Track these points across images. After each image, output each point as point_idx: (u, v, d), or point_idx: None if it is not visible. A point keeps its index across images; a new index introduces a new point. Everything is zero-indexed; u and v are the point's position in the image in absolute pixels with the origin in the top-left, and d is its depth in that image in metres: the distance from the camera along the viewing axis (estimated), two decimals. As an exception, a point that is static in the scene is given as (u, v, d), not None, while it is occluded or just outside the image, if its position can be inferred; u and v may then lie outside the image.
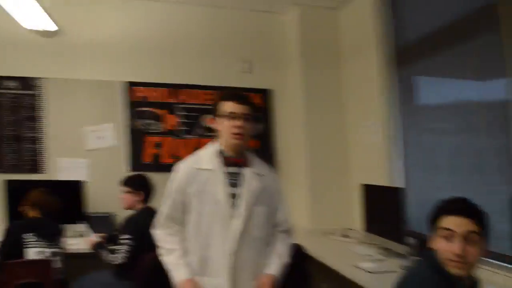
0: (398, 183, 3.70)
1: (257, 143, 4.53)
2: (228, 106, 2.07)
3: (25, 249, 3.03)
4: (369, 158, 4.07)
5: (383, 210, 3.38)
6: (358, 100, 4.25)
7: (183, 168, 2.16)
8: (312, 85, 4.36)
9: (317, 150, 4.37)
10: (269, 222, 2.17)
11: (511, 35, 2.56)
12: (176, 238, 2.14)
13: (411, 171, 3.68)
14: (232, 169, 2.11)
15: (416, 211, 3.41)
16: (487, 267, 2.45)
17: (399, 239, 3.05)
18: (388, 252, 3.24)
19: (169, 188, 2.17)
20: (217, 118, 2.12)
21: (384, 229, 3.31)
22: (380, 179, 3.80)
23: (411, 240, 2.92)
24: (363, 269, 2.78)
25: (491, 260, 2.54)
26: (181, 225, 2.15)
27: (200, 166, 2.12)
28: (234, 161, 2.12)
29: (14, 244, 3.03)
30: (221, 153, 2.13)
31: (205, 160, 2.14)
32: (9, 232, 3.10)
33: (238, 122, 2.05)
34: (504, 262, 2.53)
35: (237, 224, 2.04)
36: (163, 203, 2.18)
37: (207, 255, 2.07)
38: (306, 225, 4.26)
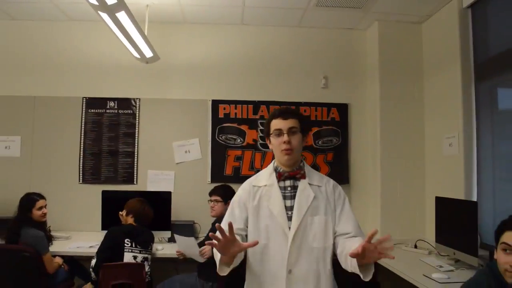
0: (474, 195, 3.65)
1: (332, 155, 4.59)
2: (274, 124, 2.08)
3: (125, 252, 3.26)
4: (446, 171, 3.96)
5: (455, 222, 3.39)
6: (438, 113, 4.14)
7: (243, 186, 2.17)
8: (390, 98, 4.34)
9: (391, 163, 4.33)
10: (329, 231, 2.02)
11: None
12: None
13: (489, 184, 3.57)
14: (288, 183, 2.08)
15: (490, 223, 3.40)
16: None
17: (470, 251, 3.07)
18: (459, 263, 3.27)
19: (231, 205, 2.15)
20: (270, 138, 2.12)
21: (456, 241, 3.32)
22: (457, 192, 3.69)
23: (483, 252, 3.07)
24: (434, 280, 2.83)
25: None
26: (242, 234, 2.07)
27: (258, 184, 2.13)
28: (289, 174, 2.08)
29: (114, 247, 3.27)
30: (276, 169, 2.13)
31: (262, 178, 2.15)
32: (111, 236, 3.33)
33: (284, 138, 2.03)
34: None
35: (291, 235, 1.97)
36: (223, 221, 2.08)
37: (264, 269, 2.00)
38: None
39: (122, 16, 3.10)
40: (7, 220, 3.67)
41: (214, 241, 1.68)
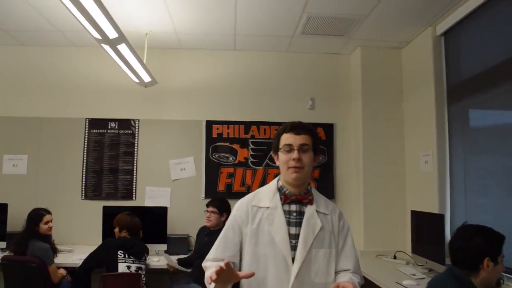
0: (448, 209, 3.95)
1: (318, 172, 4.90)
2: (285, 138, 1.88)
3: (118, 263, 3.54)
4: (423, 186, 4.25)
5: (427, 234, 3.71)
6: (416, 133, 4.45)
7: (240, 206, 1.94)
8: (372, 118, 4.65)
9: (374, 179, 4.62)
10: (332, 266, 1.84)
11: None
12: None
13: (461, 198, 3.86)
14: (293, 207, 1.88)
15: None
16: None
17: (439, 260, 3.37)
18: (432, 272, 3.54)
19: (225, 227, 1.94)
20: (278, 153, 1.92)
21: (428, 251, 3.64)
22: (432, 206, 3.99)
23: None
24: (405, 286, 3.15)
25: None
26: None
27: (258, 204, 1.90)
28: (296, 198, 1.88)
29: (109, 257, 3.56)
30: (280, 189, 1.92)
31: (264, 197, 1.93)
32: (104, 247, 3.65)
33: (295, 155, 1.82)
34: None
35: (295, 268, 1.76)
36: (216, 243, 1.92)
37: None
38: (360, 247, 4.47)
39: (122, 47, 3.43)
40: (15, 233, 3.97)
41: (213, 277, 1.55)
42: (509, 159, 3.25)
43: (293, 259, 1.78)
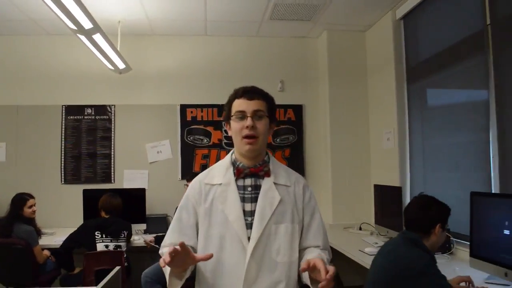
0: (408, 183, 4.29)
1: (289, 151, 5.17)
2: (237, 105, 1.71)
3: (97, 243, 3.76)
4: (386, 162, 4.56)
5: (387, 205, 4.02)
6: (379, 111, 4.75)
7: (193, 184, 1.77)
8: (338, 99, 4.92)
9: (341, 156, 4.92)
10: (296, 243, 1.69)
11: (496, 55, 3.05)
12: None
13: (419, 172, 4.18)
14: (248, 181, 1.71)
15: None
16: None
17: (398, 229, 3.59)
18: None
19: (178, 208, 1.77)
20: (230, 122, 1.74)
21: (388, 221, 3.95)
22: (394, 180, 4.30)
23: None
24: (366, 253, 3.43)
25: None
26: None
27: (211, 181, 1.72)
28: (250, 171, 1.71)
29: (87, 237, 3.77)
30: (234, 163, 1.74)
31: (217, 173, 1.75)
32: (82, 228, 3.86)
33: (248, 122, 1.65)
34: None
35: (250, 247, 1.61)
36: (170, 227, 1.77)
37: (217, 284, 1.65)
38: (329, 221, 4.81)
39: (97, 37, 3.57)
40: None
41: (166, 259, 1.39)
42: (461, 135, 3.54)
43: (249, 239, 1.62)
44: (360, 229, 4.49)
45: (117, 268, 2.08)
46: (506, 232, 2.35)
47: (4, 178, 4.84)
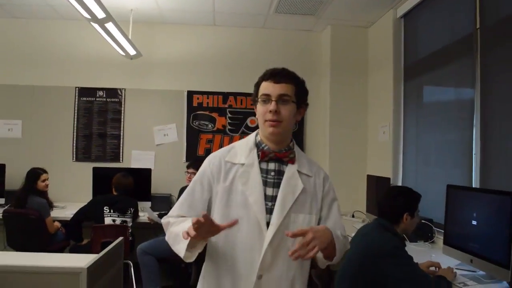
0: (400, 175, 4.51)
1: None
2: (263, 87, 1.66)
3: (105, 217, 4.04)
4: (381, 154, 4.78)
5: (377, 195, 4.19)
6: (376, 106, 4.95)
7: (212, 160, 1.72)
8: (339, 92, 5.12)
9: (339, 147, 5.14)
10: None
11: (483, 57, 3.24)
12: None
13: (412, 165, 4.40)
14: (272, 166, 1.68)
15: None
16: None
17: None
18: None
19: (193, 181, 1.74)
20: (256, 105, 1.71)
21: (377, 209, 4.12)
22: (387, 171, 4.52)
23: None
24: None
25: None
26: None
27: (232, 160, 1.69)
28: (275, 156, 1.67)
29: (96, 212, 4.05)
30: (258, 145, 1.71)
31: (239, 152, 1.71)
32: (92, 203, 4.15)
33: (271, 106, 1.61)
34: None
35: (269, 234, 1.58)
36: (181, 198, 1.75)
37: (229, 269, 1.62)
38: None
39: (109, 25, 3.81)
40: (12, 191, 4.45)
41: (191, 232, 1.40)
42: (450, 132, 3.74)
43: (268, 224, 1.60)
44: (353, 216, 4.73)
45: (121, 238, 2.35)
46: (474, 222, 2.57)
47: (20, 153, 5.14)
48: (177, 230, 1.57)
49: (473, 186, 3.27)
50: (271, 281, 1.61)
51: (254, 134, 1.76)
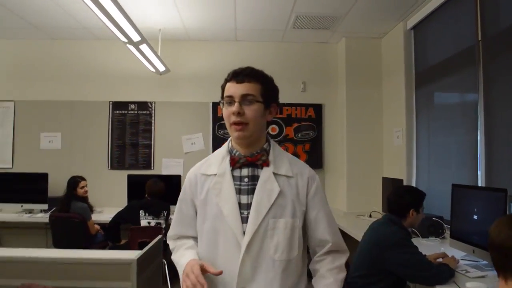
0: (414, 177, 4.79)
1: (309, 146, 5.73)
2: (227, 88, 1.60)
3: (140, 220, 4.43)
4: (396, 158, 5.06)
5: None
6: (391, 112, 5.23)
7: (189, 175, 1.71)
8: (355, 99, 5.43)
9: (356, 151, 5.43)
10: (295, 240, 1.56)
11: (485, 67, 3.53)
12: (189, 240, 1.69)
13: (424, 168, 4.67)
14: (245, 172, 1.59)
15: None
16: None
17: None
18: None
19: (179, 200, 1.74)
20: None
21: None
22: (401, 173, 4.81)
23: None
24: None
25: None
26: (194, 240, 1.69)
27: (206, 172, 1.64)
28: (246, 160, 1.58)
29: (133, 215, 4.44)
30: (230, 151, 1.63)
31: (213, 162, 1.65)
32: (128, 207, 4.55)
33: (234, 108, 1.53)
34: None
35: (245, 243, 1.50)
36: (173, 218, 1.77)
37: (214, 284, 1.53)
38: (343, 209, 5.37)
39: (143, 47, 4.22)
40: (55, 198, 4.89)
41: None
42: (458, 135, 4.01)
43: (242, 233, 1.52)
44: (370, 216, 5.01)
45: (160, 236, 2.73)
46: (475, 217, 2.85)
47: (60, 163, 5.60)
48: (177, 261, 1.63)
49: (479, 185, 3.53)
50: None
51: (228, 141, 1.69)
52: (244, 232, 1.52)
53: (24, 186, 5.29)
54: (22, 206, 5.22)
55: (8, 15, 4.83)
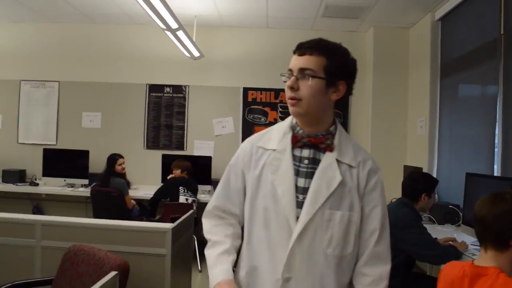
0: (435, 165, 4.94)
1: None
2: (290, 62, 1.49)
3: (180, 196, 4.76)
4: (419, 146, 5.21)
5: None
6: (415, 102, 5.37)
7: (244, 145, 1.60)
8: (381, 88, 5.58)
9: (380, 140, 5.61)
10: (351, 235, 1.43)
11: (506, 59, 3.63)
12: (227, 230, 1.55)
13: (446, 157, 4.81)
14: (306, 153, 1.46)
15: (445, 186, 4.59)
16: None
17: None
18: None
19: (227, 168, 1.62)
20: None
21: None
22: (423, 162, 4.96)
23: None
24: None
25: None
26: (236, 219, 1.57)
27: (265, 145, 1.52)
28: (309, 141, 1.45)
29: (173, 191, 4.77)
30: (293, 128, 1.51)
31: (273, 137, 1.53)
32: (168, 184, 4.88)
33: (289, 81, 1.44)
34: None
35: (296, 231, 1.39)
36: (219, 186, 1.63)
37: (256, 267, 1.47)
38: None
39: (180, 33, 4.50)
40: (95, 174, 5.29)
41: None
42: (481, 127, 4.09)
43: (295, 220, 1.41)
44: (391, 202, 5.19)
45: (192, 210, 3.03)
46: (485, 204, 3.03)
47: (100, 141, 6.00)
48: (209, 266, 1.50)
49: (495, 175, 3.68)
50: (300, 286, 1.41)
51: (291, 117, 1.54)
52: (297, 218, 1.40)
53: (66, 162, 5.71)
54: (65, 180, 5.64)
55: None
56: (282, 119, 1.58)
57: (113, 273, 1.96)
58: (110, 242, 2.67)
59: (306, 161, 1.45)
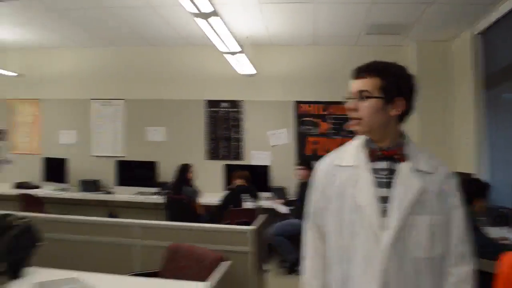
0: (483, 171, 5.16)
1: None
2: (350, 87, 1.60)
3: (242, 202, 5.22)
4: (466, 153, 5.49)
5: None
6: (461, 111, 5.66)
7: (321, 166, 1.72)
8: (426, 99, 5.75)
9: (431, 149, 5.81)
10: (437, 237, 1.50)
11: None
12: (321, 245, 1.68)
13: (493, 162, 5.06)
14: (382, 165, 1.56)
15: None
16: None
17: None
18: None
19: (312, 189, 1.74)
20: None
21: None
22: (472, 169, 5.21)
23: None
24: None
25: None
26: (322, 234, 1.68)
27: (340, 163, 1.64)
28: (383, 154, 1.57)
29: (237, 198, 5.25)
30: (367, 143, 1.62)
31: (347, 154, 1.65)
32: (233, 191, 5.34)
33: (348, 104, 1.58)
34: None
35: (387, 237, 1.47)
36: (309, 205, 1.76)
37: (349, 275, 1.54)
38: None
39: (240, 55, 5.03)
40: (163, 182, 5.88)
41: None
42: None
43: (383, 228, 1.48)
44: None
45: (265, 215, 3.49)
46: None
47: (165, 153, 6.60)
48: (305, 274, 1.72)
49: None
50: (394, 286, 1.47)
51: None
52: (382, 226, 1.48)
53: (136, 172, 6.35)
54: (137, 189, 6.25)
55: (119, 25, 5.72)
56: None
57: (228, 263, 2.46)
58: (201, 241, 3.12)
59: (384, 173, 1.55)
